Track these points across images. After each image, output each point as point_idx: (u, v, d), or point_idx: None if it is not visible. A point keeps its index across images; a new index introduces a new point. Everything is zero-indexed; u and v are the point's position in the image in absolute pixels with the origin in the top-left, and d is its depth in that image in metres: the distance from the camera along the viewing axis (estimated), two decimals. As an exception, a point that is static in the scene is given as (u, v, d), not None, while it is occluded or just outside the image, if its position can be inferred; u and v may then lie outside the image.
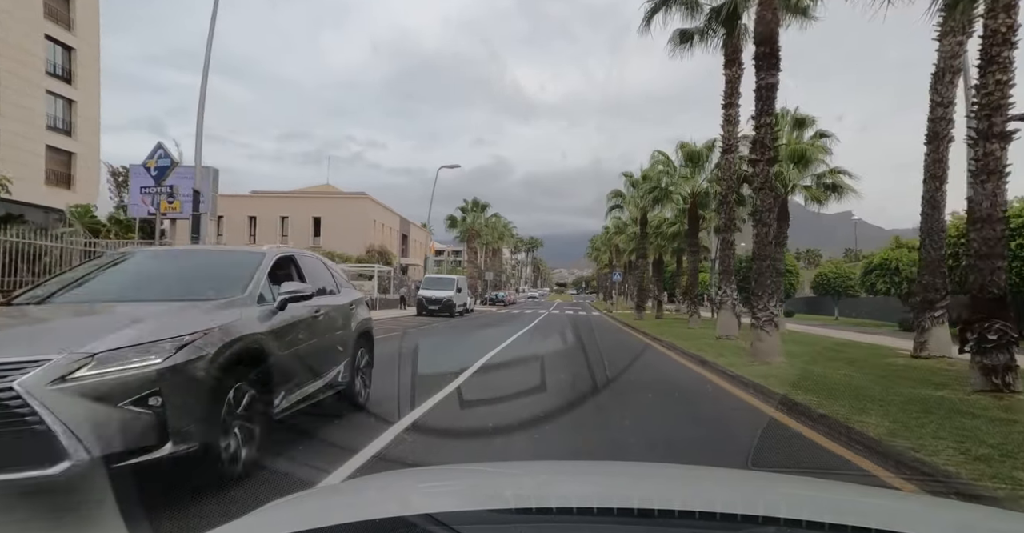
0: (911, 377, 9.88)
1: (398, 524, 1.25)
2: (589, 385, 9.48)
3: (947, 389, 8.49)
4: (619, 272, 50.96)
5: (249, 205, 61.04)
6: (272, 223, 59.81)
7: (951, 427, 6.09)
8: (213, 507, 3.80)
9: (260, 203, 61.30)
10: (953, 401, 7.55)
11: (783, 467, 5.09)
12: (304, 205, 61.14)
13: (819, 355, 13.56)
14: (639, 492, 1.68)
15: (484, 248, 70.35)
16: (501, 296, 64.11)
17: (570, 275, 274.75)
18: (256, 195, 64.41)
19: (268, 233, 58.73)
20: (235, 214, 59.79)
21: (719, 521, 1.23)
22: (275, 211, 60.25)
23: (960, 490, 4.37)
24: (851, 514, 1.37)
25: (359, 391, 7.05)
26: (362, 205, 61.52)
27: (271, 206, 60.42)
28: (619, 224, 42.00)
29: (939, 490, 4.43)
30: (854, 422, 6.31)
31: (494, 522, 1.28)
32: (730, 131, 16.81)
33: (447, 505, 1.50)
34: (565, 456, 5.37)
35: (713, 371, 11.30)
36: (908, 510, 1.61)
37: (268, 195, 63.40)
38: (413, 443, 5.70)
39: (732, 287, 16.66)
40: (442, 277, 37.49)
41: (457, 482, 1.97)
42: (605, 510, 1.29)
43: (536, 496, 1.60)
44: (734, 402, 8.49)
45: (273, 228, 59.53)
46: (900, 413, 6.77)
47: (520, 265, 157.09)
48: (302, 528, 1.22)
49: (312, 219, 60.66)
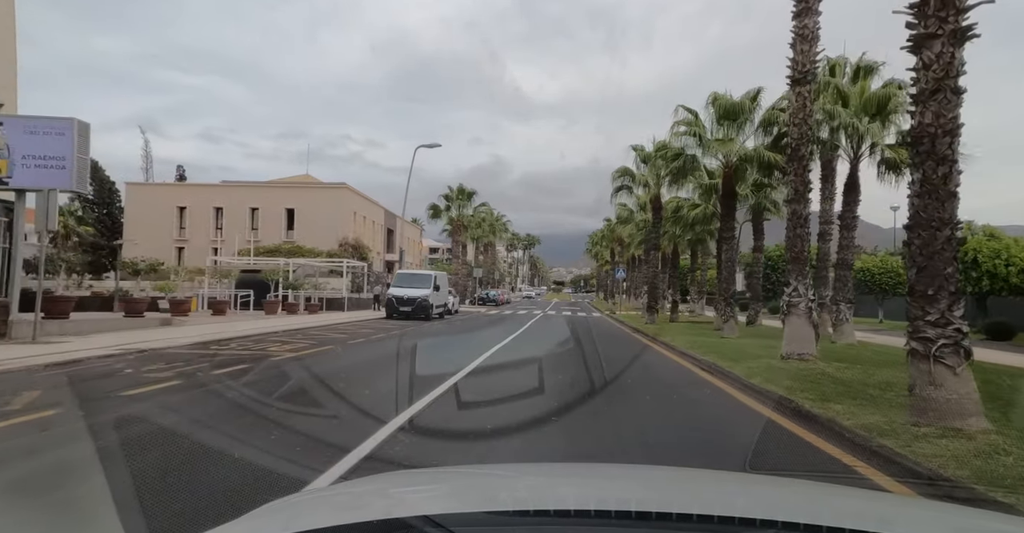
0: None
1: (396, 526, 1.24)
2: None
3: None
4: (623, 268, 45.29)
5: (215, 195, 55.65)
6: (241, 214, 54.37)
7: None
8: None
9: (228, 193, 55.85)
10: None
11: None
12: (276, 195, 55.72)
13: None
14: (637, 495, 1.68)
15: (475, 243, 64.86)
16: (493, 295, 58.48)
17: (568, 274, 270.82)
18: (225, 185, 58.92)
19: (237, 225, 53.35)
20: (200, 204, 54.50)
21: (717, 524, 1.24)
22: (244, 202, 54.77)
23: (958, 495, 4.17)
24: (849, 518, 1.36)
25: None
26: (340, 196, 56.06)
27: (240, 196, 54.98)
28: (625, 212, 36.09)
29: (936, 494, 4.27)
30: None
31: (492, 524, 1.28)
32: (805, 52, 11.36)
33: (444, 507, 1.49)
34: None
35: (851, 448, 5.78)
36: (906, 514, 1.62)
37: (237, 185, 57.88)
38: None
39: (806, 283, 11.29)
40: (417, 273, 32.03)
41: (454, 484, 1.98)
42: (603, 513, 1.29)
43: (534, 498, 1.61)
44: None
45: (242, 220, 54.11)
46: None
47: (517, 263, 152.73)
48: (298, 529, 1.23)
49: (285, 210, 55.24)
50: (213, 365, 10.97)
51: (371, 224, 63.30)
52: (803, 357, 11.00)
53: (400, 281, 30.06)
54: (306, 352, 13.34)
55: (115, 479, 4.13)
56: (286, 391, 8.63)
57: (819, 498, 1.75)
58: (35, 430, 5.95)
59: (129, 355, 11.93)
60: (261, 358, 12.19)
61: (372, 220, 63.96)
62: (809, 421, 6.82)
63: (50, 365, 10.21)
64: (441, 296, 31.38)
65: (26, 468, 4.85)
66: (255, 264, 36.61)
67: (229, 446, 5.20)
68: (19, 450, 5.31)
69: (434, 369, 10.62)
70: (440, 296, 31.07)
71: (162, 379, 9.14)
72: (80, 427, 6.00)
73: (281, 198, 55.52)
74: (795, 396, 7.79)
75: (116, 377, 9.44)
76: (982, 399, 6.15)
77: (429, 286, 29.65)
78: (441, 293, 31.36)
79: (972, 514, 2.11)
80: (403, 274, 31.05)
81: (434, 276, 30.52)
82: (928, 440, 5.43)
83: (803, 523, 1.18)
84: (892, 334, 21.52)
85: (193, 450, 5.31)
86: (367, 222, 61.47)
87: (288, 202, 55.40)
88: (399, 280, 30.19)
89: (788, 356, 11.21)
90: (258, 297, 31.87)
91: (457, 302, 39.10)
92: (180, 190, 58.81)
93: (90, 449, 5.11)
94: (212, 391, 8.55)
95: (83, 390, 8.38)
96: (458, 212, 48.28)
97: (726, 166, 18.44)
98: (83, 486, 4.26)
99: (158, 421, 6.36)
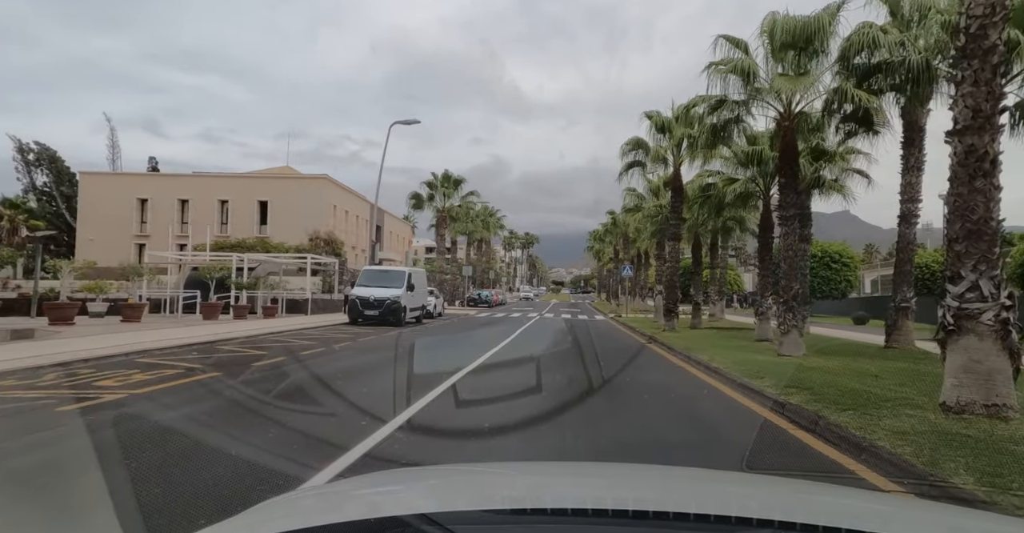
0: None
1: (393, 524, 1.22)
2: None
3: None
4: (629, 266, 39.80)
5: (181, 186, 50.78)
6: (209, 208, 49.43)
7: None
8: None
9: (195, 184, 51.01)
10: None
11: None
12: (248, 187, 50.79)
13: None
14: (634, 493, 1.67)
15: (467, 239, 59.90)
16: (485, 296, 53.29)
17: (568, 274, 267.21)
18: (192, 175, 54.18)
19: (205, 220, 48.42)
20: (163, 197, 49.47)
21: (713, 523, 1.22)
22: (213, 194, 49.80)
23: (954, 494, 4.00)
24: (845, 517, 1.36)
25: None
26: (319, 188, 51.10)
27: (209, 188, 50.04)
28: (633, 200, 30.22)
29: (933, 493, 4.11)
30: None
31: (489, 522, 1.26)
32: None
33: (442, 505, 1.48)
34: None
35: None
36: (903, 514, 1.60)
37: (205, 175, 53.02)
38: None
39: (994, 276, 6.09)
40: (388, 270, 26.98)
41: (451, 482, 1.94)
42: (600, 511, 1.27)
43: (531, 497, 1.60)
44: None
45: (210, 214, 49.16)
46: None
47: (515, 263, 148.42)
48: (295, 527, 1.21)
49: (258, 203, 50.30)
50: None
51: (355, 219, 58.28)
52: (996, 411, 6.06)
53: (366, 279, 25.09)
54: (149, 390, 8.42)
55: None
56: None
57: (816, 498, 1.73)
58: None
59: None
60: (51, 406, 7.31)
61: (356, 214, 58.93)
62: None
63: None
64: (417, 297, 26.42)
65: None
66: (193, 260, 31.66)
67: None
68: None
69: (344, 424, 5.78)
70: (416, 297, 26.12)
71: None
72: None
73: (254, 190, 50.57)
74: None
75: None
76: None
77: (401, 285, 24.71)
78: (418, 293, 26.40)
79: (969, 514, 2.03)
80: (370, 271, 26.05)
81: (407, 273, 25.56)
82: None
83: (800, 523, 1.17)
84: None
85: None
86: (350, 217, 56.46)
87: (261, 194, 50.45)
88: (365, 278, 25.22)
89: (959, 407, 6.25)
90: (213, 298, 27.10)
91: (441, 303, 34.14)
92: (141, 181, 53.64)
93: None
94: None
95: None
96: (444, 202, 42.64)
97: (785, 117, 13.34)
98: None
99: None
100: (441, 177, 40.84)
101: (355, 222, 59.45)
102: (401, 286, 24.62)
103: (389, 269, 26.87)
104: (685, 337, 18.68)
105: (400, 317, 24.04)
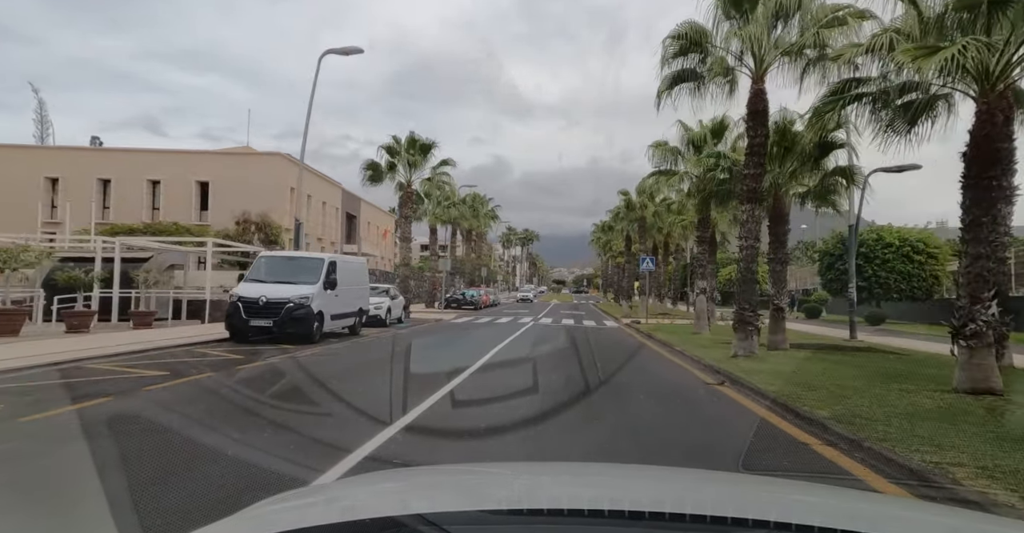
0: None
1: (388, 524, 1.21)
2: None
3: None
4: (650, 257, 30.21)
5: (100, 163, 42.02)
6: (136, 189, 40.76)
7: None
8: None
9: (119, 160, 42.18)
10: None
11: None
12: (185, 165, 41.98)
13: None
14: (630, 494, 1.65)
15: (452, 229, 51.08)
16: (472, 296, 44.43)
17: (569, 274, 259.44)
18: (114, 149, 45.33)
19: (132, 203, 39.81)
20: (79, 176, 40.70)
21: (709, 524, 1.21)
22: (142, 173, 41.09)
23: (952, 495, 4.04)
24: (841, 518, 1.33)
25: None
26: (272, 166, 42.32)
27: (136, 166, 41.26)
28: (663, 156, 19.65)
29: (930, 495, 4.14)
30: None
31: (485, 523, 1.24)
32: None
33: (438, 505, 1.45)
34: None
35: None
36: (899, 515, 1.57)
37: (131, 151, 44.10)
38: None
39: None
40: (296, 256, 17.85)
41: (448, 482, 1.92)
42: (596, 512, 1.25)
43: (527, 497, 1.57)
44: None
45: (138, 196, 40.52)
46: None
47: (515, 261, 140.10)
48: (292, 527, 1.20)
49: (196, 184, 41.59)
50: None
51: (320, 205, 49.55)
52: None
53: (263, 271, 16.36)
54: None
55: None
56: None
57: (812, 498, 1.71)
58: None
59: None
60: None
61: (322, 201, 50.21)
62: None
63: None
64: (346, 297, 17.54)
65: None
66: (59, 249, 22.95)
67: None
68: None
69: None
70: (343, 297, 17.26)
71: None
72: None
73: (191, 169, 41.79)
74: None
75: None
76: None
77: (314, 280, 15.94)
78: (347, 294, 17.50)
79: (966, 515, 1.97)
80: (270, 259, 17.14)
81: (326, 262, 16.73)
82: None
83: (795, 523, 1.16)
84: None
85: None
86: (313, 202, 47.49)
87: (201, 174, 41.74)
88: (259, 269, 16.47)
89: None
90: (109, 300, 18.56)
91: (400, 304, 25.33)
92: (49, 155, 44.48)
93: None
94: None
95: None
96: (409, 174, 32.90)
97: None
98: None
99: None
100: (406, 140, 31.18)
101: (321, 210, 50.71)
102: (312, 281, 15.86)
103: (297, 255, 17.86)
104: (806, 376, 9.88)
105: (311, 329, 15.32)
